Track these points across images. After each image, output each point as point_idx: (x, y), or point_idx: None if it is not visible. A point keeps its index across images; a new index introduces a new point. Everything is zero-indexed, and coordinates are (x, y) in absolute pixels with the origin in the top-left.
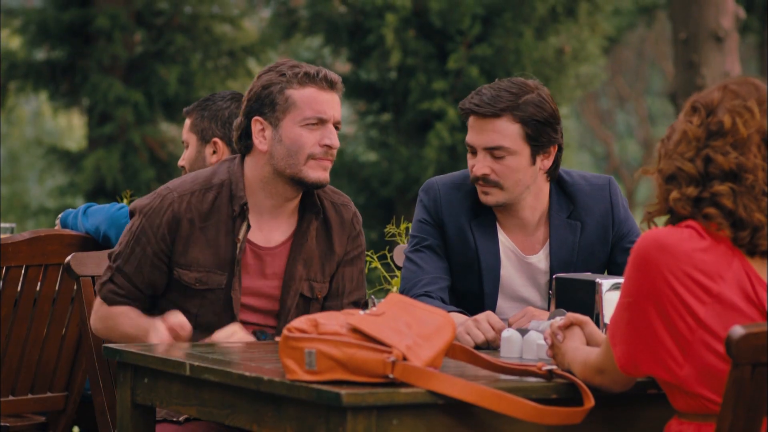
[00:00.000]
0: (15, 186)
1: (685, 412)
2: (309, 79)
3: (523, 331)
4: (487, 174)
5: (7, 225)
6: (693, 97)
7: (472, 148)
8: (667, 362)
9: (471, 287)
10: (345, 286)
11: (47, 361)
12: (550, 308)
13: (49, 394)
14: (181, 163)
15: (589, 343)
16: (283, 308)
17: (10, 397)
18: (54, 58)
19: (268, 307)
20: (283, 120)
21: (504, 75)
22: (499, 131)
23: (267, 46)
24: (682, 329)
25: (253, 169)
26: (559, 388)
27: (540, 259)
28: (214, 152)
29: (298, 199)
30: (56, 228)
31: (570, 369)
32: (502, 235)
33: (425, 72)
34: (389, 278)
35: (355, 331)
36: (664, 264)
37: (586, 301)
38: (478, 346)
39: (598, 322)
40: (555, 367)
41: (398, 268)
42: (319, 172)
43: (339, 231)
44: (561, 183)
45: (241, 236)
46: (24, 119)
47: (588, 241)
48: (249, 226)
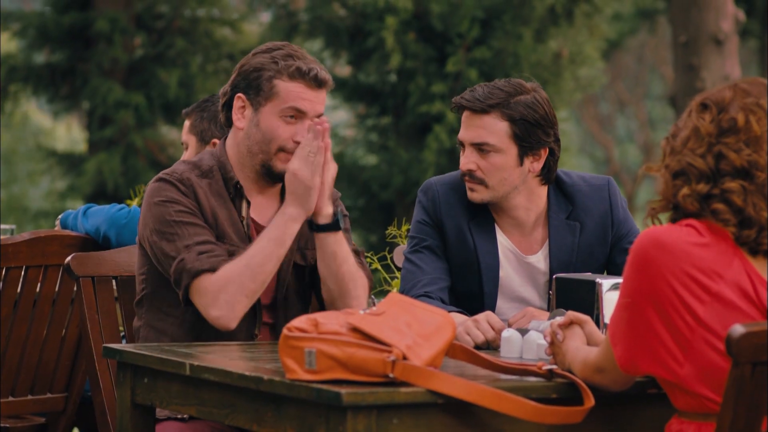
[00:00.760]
0: (13, 189)
1: (686, 412)
2: (299, 75)
3: (523, 331)
4: (473, 170)
5: (7, 227)
6: (701, 96)
7: (462, 144)
8: (667, 361)
9: (470, 287)
10: None
11: (47, 362)
12: (550, 308)
13: (49, 395)
14: None
15: (589, 343)
16: (279, 281)
17: (10, 398)
18: (54, 62)
19: None
20: (264, 106)
21: (503, 78)
22: (486, 127)
23: None
24: (681, 328)
25: (232, 146)
26: (559, 388)
27: (539, 260)
28: None
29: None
30: (56, 229)
31: (570, 368)
32: (501, 235)
33: (425, 75)
34: (389, 279)
35: (355, 330)
36: (663, 263)
37: (586, 300)
38: (477, 346)
39: (598, 322)
40: (555, 367)
41: (398, 269)
42: (287, 165)
43: None
44: (560, 184)
45: (244, 214)
46: (23, 122)
47: (587, 241)
48: (249, 203)
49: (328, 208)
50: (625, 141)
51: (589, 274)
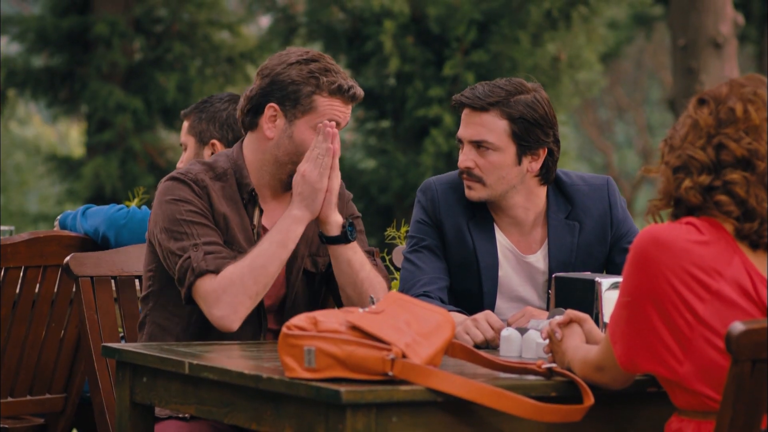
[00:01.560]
0: (12, 193)
1: (685, 410)
2: (339, 92)
3: (523, 330)
4: (471, 168)
5: (6, 228)
6: (698, 94)
7: (461, 141)
8: (667, 359)
9: (469, 287)
10: None
11: (46, 363)
12: (549, 307)
13: (48, 396)
14: (180, 165)
15: (588, 341)
16: (289, 288)
17: (9, 399)
18: (53, 65)
19: (272, 292)
20: (299, 118)
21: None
22: (485, 125)
23: (266, 52)
24: (681, 326)
25: (254, 152)
26: (559, 386)
27: (538, 259)
28: (213, 154)
29: None
30: (55, 229)
31: (569, 367)
32: (500, 235)
33: (422, 79)
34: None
35: (355, 328)
36: (662, 261)
37: (585, 300)
38: (477, 346)
39: (597, 321)
40: (554, 365)
41: (397, 270)
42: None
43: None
44: (559, 184)
45: (256, 221)
46: (21, 126)
47: (586, 241)
48: (261, 211)
49: (336, 216)
50: (624, 147)
51: (588, 273)
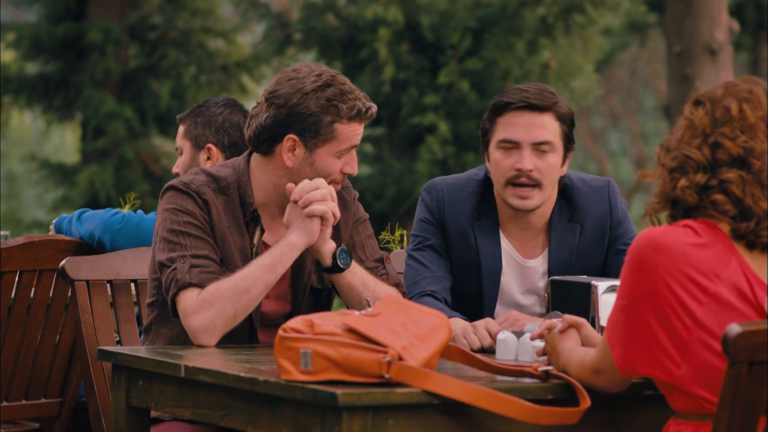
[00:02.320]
0: (7, 200)
1: (683, 413)
2: (358, 116)
3: (519, 334)
4: (532, 170)
5: (2, 233)
6: (693, 97)
7: (512, 144)
8: (665, 362)
9: (470, 289)
10: (363, 255)
11: (41, 367)
12: (546, 310)
13: (44, 400)
14: (175, 170)
15: (585, 345)
16: (295, 305)
17: (4, 403)
18: (47, 73)
19: (277, 309)
20: (321, 147)
21: (495, 89)
22: (547, 126)
23: (260, 60)
24: (679, 329)
25: (266, 174)
26: (555, 389)
27: (540, 263)
28: (208, 158)
29: None
30: (50, 233)
31: (566, 370)
32: (503, 240)
33: (417, 86)
34: None
35: (351, 331)
36: (660, 264)
37: (581, 303)
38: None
39: (593, 325)
40: (551, 368)
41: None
42: None
43: (343, 216)
44: (562, 186)
45: (256, 241)
46: (16, 133)
47: (586, 242)
48: (263, 231)
49: (328, 246)
50: (619, 155)
51: (585, 276)
